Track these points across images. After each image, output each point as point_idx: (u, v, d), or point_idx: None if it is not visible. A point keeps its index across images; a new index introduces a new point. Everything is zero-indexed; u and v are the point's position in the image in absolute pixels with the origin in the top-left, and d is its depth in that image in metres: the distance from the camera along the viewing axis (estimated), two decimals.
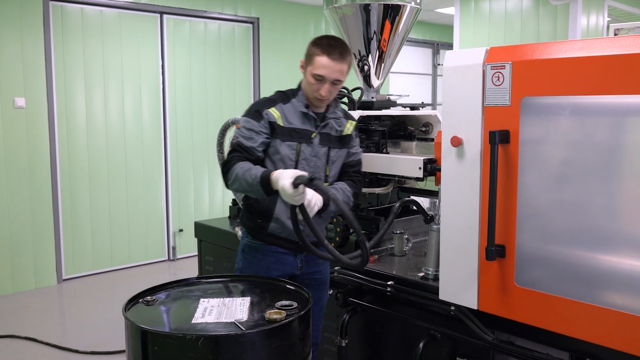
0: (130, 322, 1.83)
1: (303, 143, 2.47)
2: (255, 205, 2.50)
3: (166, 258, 6.64)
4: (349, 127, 2.63)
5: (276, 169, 2.39)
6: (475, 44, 6.53)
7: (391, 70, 8.04)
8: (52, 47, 5.66)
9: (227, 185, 2.43)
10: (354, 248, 2.99)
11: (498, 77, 2.00)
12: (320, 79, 2.40)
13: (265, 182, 2.22)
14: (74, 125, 5.88)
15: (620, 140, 1.79)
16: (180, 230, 6.64)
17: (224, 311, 1.94)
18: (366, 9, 3.12)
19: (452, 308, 2.29)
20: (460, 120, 2.12)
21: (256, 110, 2.45)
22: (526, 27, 6.09)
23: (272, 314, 1.87)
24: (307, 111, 2.48)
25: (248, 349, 1.73)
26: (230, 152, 2.44)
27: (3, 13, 5.32)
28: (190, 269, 5.78)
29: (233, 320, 1.85)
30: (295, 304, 1.97)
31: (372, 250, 2.99)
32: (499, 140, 1.96)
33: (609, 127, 1.82)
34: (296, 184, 2.09)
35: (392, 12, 3.16)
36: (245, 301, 2.03)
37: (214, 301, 2.04)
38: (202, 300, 2.05)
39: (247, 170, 2.30)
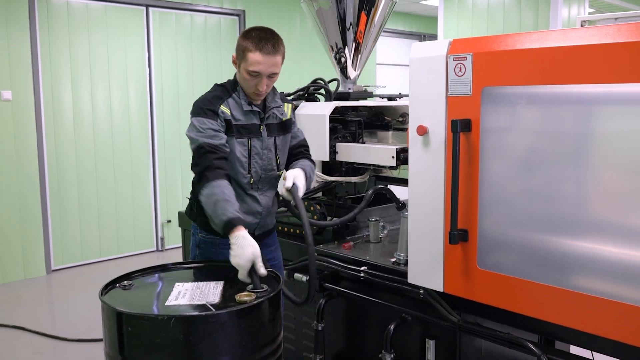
0: (105, 304, 1.91)
1: (253, 138, 2.46)
2: None
3: (155, 249, 6.72)
4: (288, 112, 2.63)
5: (232, 168, 2.41)
6: (458, 36, 6.60)
7: (378, 62, 8.07)
8: (38, 40, 5.71)
9: (198, 192, 2.30)
10: (331, 237, 3.08)
11: (460, 68, 2.07)
12: (255, 75, 2.34)
13: (227, 231, 2.16)
14: (61, 117, 5.93)
15: (575, 127, 1.88)
16: (168, 222, 6.71)
17: (197, 294, 2.02)
18: (341, 1, 3.19)
19: (421, 291, 2.38)
20: (426, 109, 2.20)
21: (209, 109, 2.37)
22: (508, 18, 6.17)
23: (243, 296, 1.95)
24: (251, 108, 2.45)
25: (218, 328, 1.81)
26: (201, 155, 2.30)
27: None
28: (178, 259, 5.85)
29: (205, 302, 1.93)
30: (265, 287, 2.05)
31: (348, 237, 3.09)
32: (460, 129, 2.05)
33: (563, 115, 1.91)
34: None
35: (367, 4, 3.23)
36: (219, 285, 2.11)
37: (188, 285, 2.11)
38: (177, 284, 2.13)
39: (224, 201, 2.20)
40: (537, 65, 1.86)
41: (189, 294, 2.02)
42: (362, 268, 2.67)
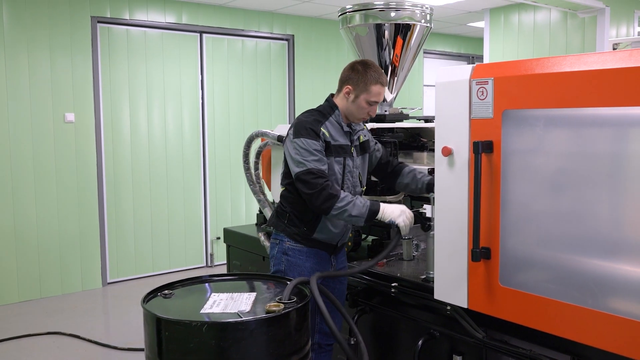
0: (147, 310, 2.07)
1: (347, 157, 2.75)
2: (303, 217, 2.73)
3: (204, 264, 6.96)
4: (367, 133, 2.95)
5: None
6: (504, 57, 6.62)
7: (425, 83, 8.15)
8: (100, 65, 6.09)
9: (327, 213, 2.59)
10: (367, 254, 3.18)
11: (482, 91, 2.16)
12: (373, 103, 2.70)
13: (373, 214, 2.58)
14: (119, 138, 6.28)
15: (591, 148, 1.93)
16: (218, 238, 6.94)
17: (230, 304, 2.17)
18: (378, 28, 3.32)
19: (448, 308, 2.45)
20: (451, 131, 2.29)
21: (312, 129, 2.63)
22: (555, 39, 6.15)
23: (272, 306, 2.08)
24: (348, 129, 2.76)
25: (247, 335, 1.94)
26: (313, 179, 2.56)
27: (55, 35, 5.77)
28: None
29: (236, 311, 2.07)
30: (295, 299, 2.17)
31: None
32: (482, 150, 2.12)
33: (580, 136, 1.97)
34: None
35: (403, 29, 3.35)
36: (251, 296, 2.25)
37: (223, 295, 2.26)
38: (213, 294, 2.28)
39: (354, 202, 2.57)
40: (552, 89, 1.93)
41: (223, 303, 2.17)
42: (393, 284, 2.75)
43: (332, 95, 2.82)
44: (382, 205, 2.61)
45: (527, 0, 5.68)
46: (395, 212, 2.60)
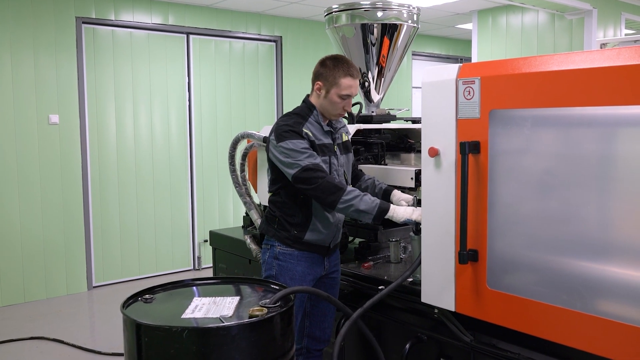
0: (126, 316, 2.02)
1: (332, 156, 2.71)
2: (292, 220, 2.70)
3: (192, 268, 6.88)
4: (348, 132, 2.93)
5: None
6: (492, 58, 6.60)
7: (414, 85, 8.16)
8: (85, 66, 6.01)
9: (334, 207, 2.55)
10: (353, 256, 3.14)
11: (469, 91, 2.13)
12: (346, 97, 2.65)
13: (382, 213, 2.53)
14: (105, 140, 6.20)
15: (579, 148, 1.90)
16: (205, 241, 6.86)
17: (212, 308, 2.11)
18: (365, 28, 3.29)
19: (436, 311, 2.41)
20: (437, 132, 2.25)
21: (293, 131, 2.60)
22: (542, 41, 6.15)
23: (255, 310, 2.02)
24: (329, 128, 2.73)
25: (228, 340, 1.89)
26: (311, 175, 2.52)
27: (40, 35, 5.69)
28: None
29: (218, 316, 2.02)
30: (279, 303, 2.12)
31: (369, 257, 3.14)
32: (469, 151, 2.09)
33: (568, 136, 1.94)
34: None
35: (390, 29, 3.32)
36: (235, 300, 2.20)
37: (206, 300, 2.21)
38: (195, 298, 2.23)
39: (363, 196, 2.54)
40: (540, 88, 1.90)
41: (205, 308, 2.11)
42: (380, 287, 2.71)
43: (308, 95, 2.78)
44: (392, 205, 2.58)
45: (514, 2, 5.68)
46: (407, 210, 2.58)
